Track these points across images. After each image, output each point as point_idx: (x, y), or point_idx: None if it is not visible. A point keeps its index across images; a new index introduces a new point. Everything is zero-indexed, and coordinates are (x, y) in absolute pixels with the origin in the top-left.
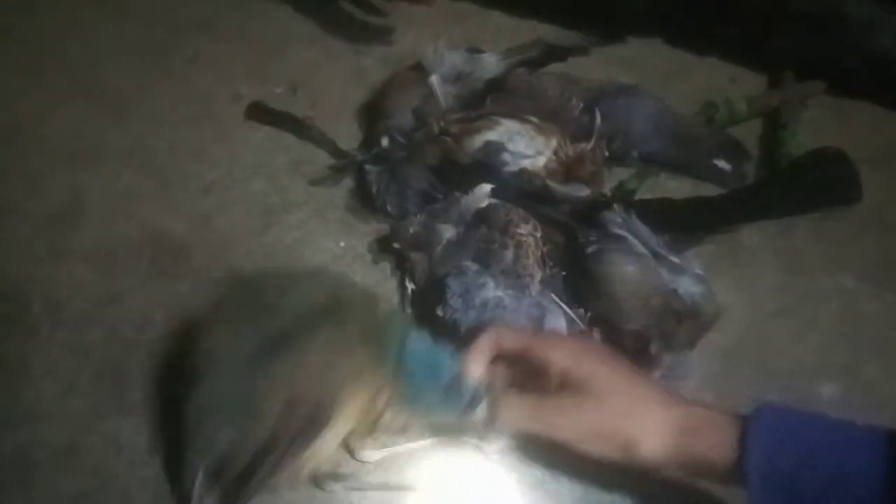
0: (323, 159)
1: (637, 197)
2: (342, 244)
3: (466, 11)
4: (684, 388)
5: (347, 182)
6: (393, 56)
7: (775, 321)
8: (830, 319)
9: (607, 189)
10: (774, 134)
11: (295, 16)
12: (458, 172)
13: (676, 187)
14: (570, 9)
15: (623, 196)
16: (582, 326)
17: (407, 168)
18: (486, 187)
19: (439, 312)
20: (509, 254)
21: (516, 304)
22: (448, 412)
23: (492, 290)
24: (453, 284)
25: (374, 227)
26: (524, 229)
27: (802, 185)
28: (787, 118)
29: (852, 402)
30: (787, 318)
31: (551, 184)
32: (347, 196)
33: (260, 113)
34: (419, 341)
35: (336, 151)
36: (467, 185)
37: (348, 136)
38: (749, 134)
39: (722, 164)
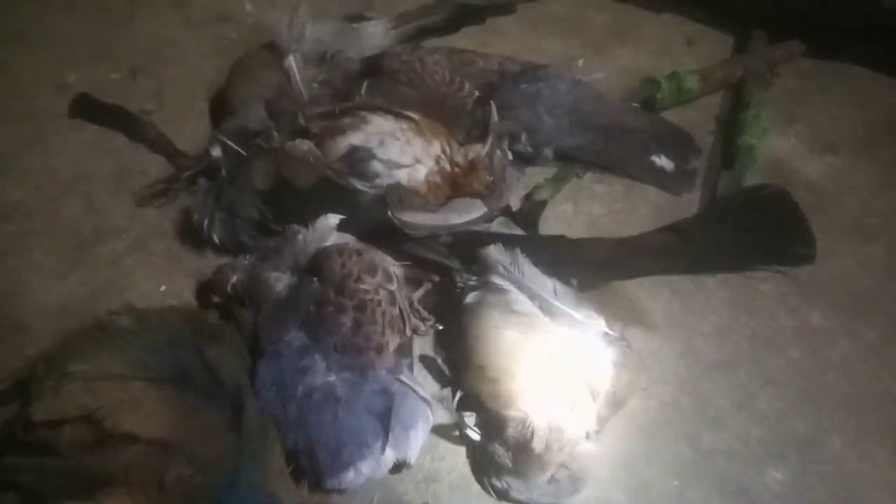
0: (159, 167)
1: (558, 206)
2: (163, 288)
3: None
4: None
5: (186, 198)
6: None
7: (717, 378)
8: (788, 372)
9: (515, 201)
10: (734, 116)
11: None
12: (296, 198)
13: (606, 192)
14: None
15: (532, 210)
16: (448, 414)
17: (234, 191)
18: (332, 220)
19: (250, 406)
20: (346, 320)
21: (352, 392)
22: None
23: (321, 375)
24: (264, 372)
25: (210, 262)
26: (369, 283)
27: (742, 238)
28: (750, 94)
29: (807, 490)
30: (732, 372)
31: (406, 218)
32: (180, 218)
33: (87, 108)
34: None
35: (175, 157)
36: (309, 215)
37: (196, 134)
38: (704, 114)
39: (662, 160)
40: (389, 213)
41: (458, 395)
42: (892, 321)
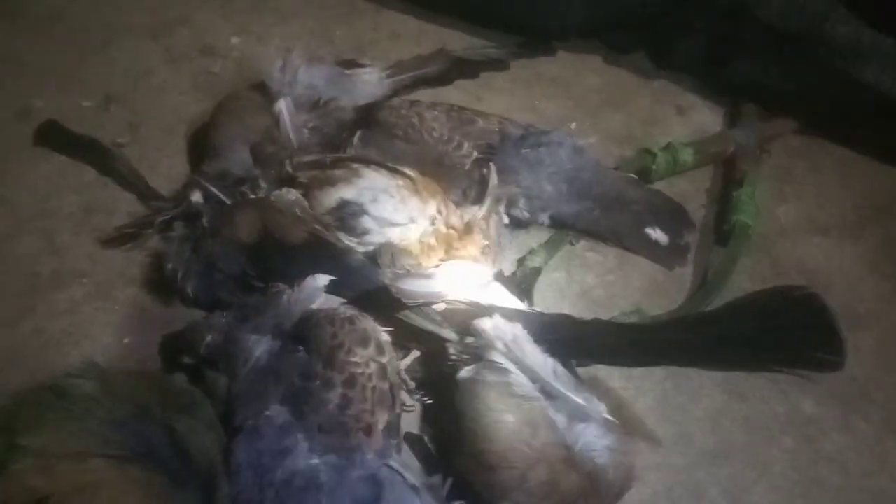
0: (129, 206)
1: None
2: (126, 340)
3: (359, 7)
4: None
5: (155, 241)
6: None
7: (710, 468)
8: (782, 463)
9: (508, 265)
10: (727, 193)
11: (133, 2)
12: (283, 255)
13: (599, 261)
14: (489, 8)
15: (527, 278)
16: (438, 503)
17: (214, 243)
18: (321, 280)
19: (223, 490)
20: (334, 397)
21: (337, 479)
22: None
23: (303, 457)
24: (240, 452)
25: (180, 314)
26: (360, 356)
27: (763, 340)
28: (743, 171)
29: None
30: (725, 461)
31: (402, 285)
32: (149, 264)
33: (54, 136)
34: None
35: (148, 196)
36: (296, 274)
37: (172, 172)
38: (696, 186)
39: (657, 233)
40: (386, 281)
41: (449, 481)
42: (884, 413)
